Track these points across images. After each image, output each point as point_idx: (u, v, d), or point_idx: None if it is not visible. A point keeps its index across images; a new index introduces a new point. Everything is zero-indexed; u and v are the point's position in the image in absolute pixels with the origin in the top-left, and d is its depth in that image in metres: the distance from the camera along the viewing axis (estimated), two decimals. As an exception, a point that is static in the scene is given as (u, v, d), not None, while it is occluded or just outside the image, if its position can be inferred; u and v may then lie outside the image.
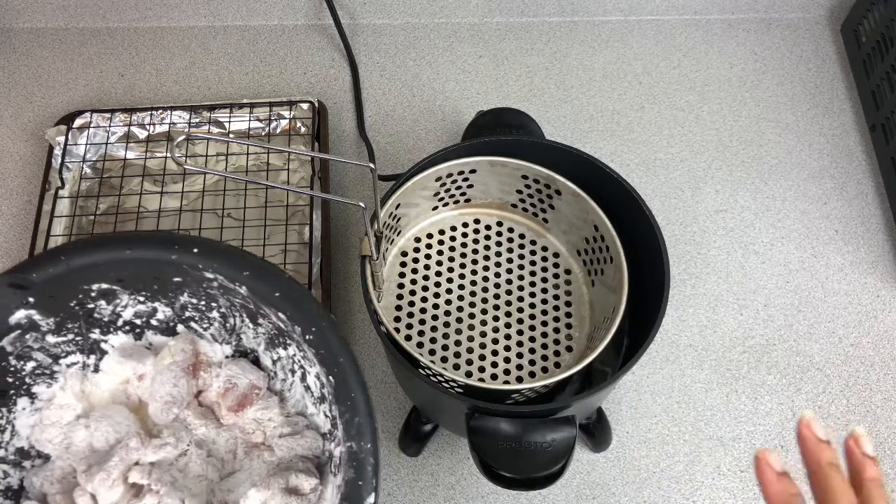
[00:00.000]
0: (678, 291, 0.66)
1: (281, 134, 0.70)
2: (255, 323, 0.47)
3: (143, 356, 0.49)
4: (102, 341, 0.49)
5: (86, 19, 0.79)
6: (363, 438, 0.39)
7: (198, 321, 0.49)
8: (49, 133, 0.68)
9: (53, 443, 0.46)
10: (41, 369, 0.47)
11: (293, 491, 0.44)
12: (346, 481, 0.38)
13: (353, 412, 0.39)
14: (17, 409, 0.46)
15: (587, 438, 0.59)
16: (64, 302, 0.45)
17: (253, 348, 0.50)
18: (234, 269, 0.44)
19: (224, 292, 0.46)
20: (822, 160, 0.74)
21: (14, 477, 0.46)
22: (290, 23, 0.80)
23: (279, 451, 0.47)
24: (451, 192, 0.59)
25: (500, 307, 0.57)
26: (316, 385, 0.46)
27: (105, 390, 0.49)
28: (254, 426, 0.48)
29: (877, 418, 0.61)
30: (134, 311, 0.48)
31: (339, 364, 0.41)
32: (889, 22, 0.71)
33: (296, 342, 0.45)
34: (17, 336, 0.44)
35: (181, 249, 0.44)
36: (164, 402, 0.47)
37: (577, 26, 0.81)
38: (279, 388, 0.50)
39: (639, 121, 0.76)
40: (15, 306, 0.44)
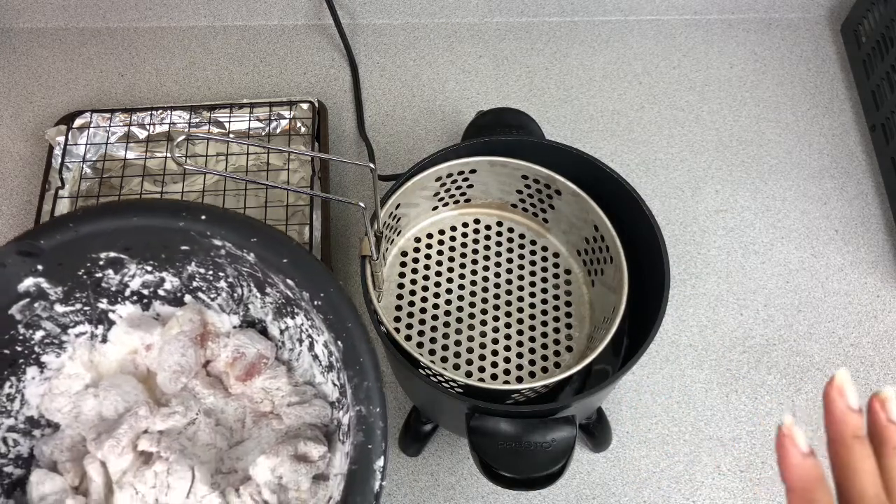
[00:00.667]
0: (678, 291, 0.66)
1: (281, 134, 0.70)
2: (263, 292, 0.47)
3: (150, 326, 0.49)
4: (110, 311, 0.49)
5: (86, 19, 0.79)
6: (372, 402, 0.39)
7: (205, 291, 0.49)
8: (49, 133, 0.68)
9: (63, 412, 0.47)
10: (50, 339, 0.47)
11: (302, 458, 0.44)
12: (354, 445, 0.38)
13: (362, 377, 0.39)
14: (26, 378, 0.46)
15: (587, 438, 0.59)
16: (72, 270, 0.45)
17: (261, 318, 0.50)
18: (241, 236, 0.44)
19: (232, 261, 0.45)
20: (822, 160, 0.74)
21: (24, 445, 0.46)
22: (290, 23, 0.80)
23: (287, 420, 0.47)
24: (451, 192, 0.59)
25: (500, 307, 0.57)
26: (324, 354, 0.46)
27: (113, 360, 0.50)
28: (262, 395, 0.49)
29: (877, 418, 0.61)
30: (142, 280, 0.48)
31: (348, 329, 0.40)
32: (889, 22, 0.71)
33: (304, 310, 0.45)
34: (25, 304, 0.45)
35: (189, 216, 0.44)
36: (173, 371, 0.48)
37: (577, 26, 0.81)
38: (287, 358, 0.50)
39: (639, 121, 0.76)
40: (24, 274, 0.44)
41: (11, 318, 0.44)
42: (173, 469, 0.44)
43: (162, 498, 0.44)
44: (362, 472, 0.37)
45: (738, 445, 0.60)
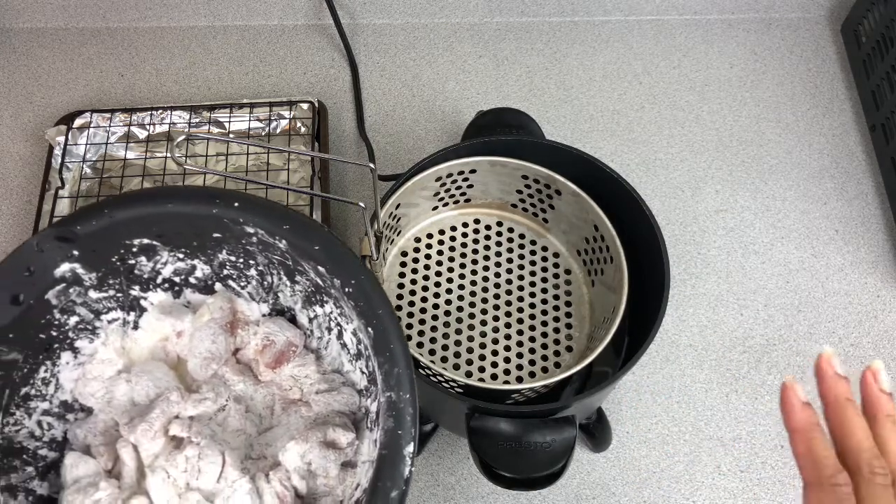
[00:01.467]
0: (678, 291, 0.66)
1: (281, 134, 0.70)
2: (293, 280, 0.48)
3: (181, 313, 0.50)
4: (142, 298, 0.49)
5: (86, 19, 0.79)
6: (402, 389, 0.39)
7: (235, 279, 0.50)
8: (49, 133, 0.68)
9: (96, 396, 0.48)
10: (84, 324, 0.47)
11: (331, 444, 0.45)
12: (385, 430, 0.38)
13: (393, 363, 0.40)
14: (61, 363, 0.47)
15: (587, 438, 0.59)
16: (106, 257, 0.46)
17: (290, 306, 0.50)
18: (273, 223, 0.44)
19: (263, 248, 0.46)
20: (822, 160, 0.74)
21: (58, 429, 0.47)
22: (290, 23, 0.80)
23: (316, 407, 0.48)
24: (451, 192, 0.59)
25: (500, 307, 0.57)
26: (352, 342, 0.46)
27: (144, 347, 0.50)
28: (291, 383, 0.49)
29: (877, 418, 0.61)
30: (173, 268, 0.49)
31: (379, 316, 0.41)
32: (889, 22, 0.71)
33: (333, 298, 0.45)
34: (61, 289, 0.45)
35: (222, 203, 0.44)
36: (203, 358, 0.48)
37: (577, 26, 0.81)
38: (315, 346, 0.51)
39: (639, 121, 0.76)
40: (60, 259, 0.44)
41: (48, 303, 0.45)
42: (204, 454, 0.45)
43: (193, 482, 0.44)
44: (392, 457, 0.38)
45: (738, 445, 0.60)
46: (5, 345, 0.43)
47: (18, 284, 0.43)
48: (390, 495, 0.37)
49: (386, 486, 0.37)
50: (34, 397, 0.45)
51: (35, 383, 0.45)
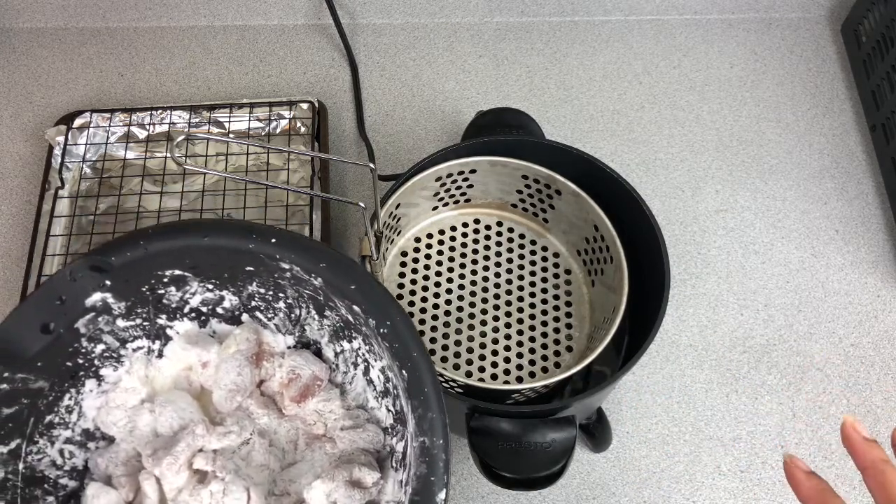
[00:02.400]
0: (678, 291, 0.66)
1: (281, 134, 0.70)
2: (322, 315, 0.47)
3: (207, 344, 0.49)
4: (168, 327, 0.49)
5: (86, 19, 0.79)
6: (435, 434, 0.39)
7: (263, 311, 0.49)
8: (49, 133, 0.68)
9: (118, 425, 0.47)
10: (109, 352, 0.47)
11: (356, 483, 0.45)
12: (417, 476, 0.38)
13: (426, 407, 0.39)
14: (84, 391, 0.46)
15: (587, 438, 0.59)
16: (137, 287, 0.46)
17: (316, 340, 0.50)
18: (310, 261, 0.44)
19: (295, 283, 0.46)
20: (822, 160, 0.74)
21: (79, 457, 0.46)
22: (290, 23, 0.80)
23: (341, 444, 0.47)
24: (451, 192, 0.59)
25: (500, 307, 0.57)
26: (379, 379, 0.46)
27: (168, 376, 0.50)
28: (315, 417, 0.49)
29: (877, 418, 0.61)
30: (202, 298, 0.48)
31: (413, 359, 0.41)
32: (889, 22, 0.71)
33: (363, 335, 0.45)
34: (91, 318, 0.45)
35: (259, 238, 0.44)
36: (229, 390, 0.48)
37: (577, 26, 0.81)
38: (340, 381, 0.50)
39: (639, 121, 0.75)
40: (92, 288, 0.44)
41: (77, 332, 0.45)
42: (229, 489, 0.44)
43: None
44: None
45: (738, 445, 0.60)
46: (33, 373, 0.43)
47: (50, 313, 0.43)
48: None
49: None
50: (57, 425, 0.45)
51: (59, 411, 0.45)
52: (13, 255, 0.66)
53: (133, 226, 0.64)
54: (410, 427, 0.40)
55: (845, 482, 0.59)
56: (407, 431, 0.42)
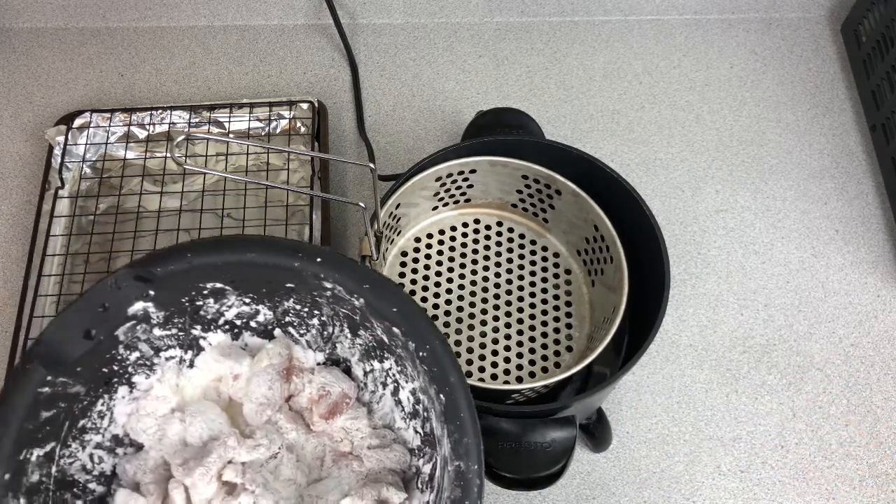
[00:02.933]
0: (678, 291, 0.66)
1: (281, 134, 0.70)
2: (355, 334, 0.48)
3: (240, 356, 0.49)
4: (202, 338, 0.49)
5: (86, 19, 0.79)
6: (470, 459, 0.39)
7: (296, 327, 0.50)
8: (49, 133, 0.68)
9: (148, 433, 0.47)
10: (143, 360, 0.48)
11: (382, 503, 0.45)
12: (452, 500, 0.39)
13: (462, 432, 0.40)
14: (117, 397, 0.47)
15: (587, 438, 0.59)
16: (177, 297, 0.46)
17: (346, 358, 0.50)
18: (354, 282, 0.44)
19: (333, 301, 0.46)
20: (822, 160, 0.74)
21: (108, 463, 0.47)
22: (290, 23, 0.80)
23: (368, 463, 0.47)
24: (451, 192, 0.59)
25: (500, 307, 0.57)
26: (409, 401, 0.46)
27: (197, 386, 0.50)
28: (342, 435, 0.49)
29: (877, 419, 0.61)
30: (238, 311, 0.49)
31: (451, 384, 0.41)
32: (889, 22, 0.71)
33: (396, 356, 0.45)
34: (130, 326, 0.45)
35: (304, 257, 0.44)
36: (259, 403, 0.48)
37: (577, 26, 0.81)
38: (367, 400, 0.50)
39: (639, 121, 0.75)
40: (135, 297, 0.45)
41: (116, 339, 0.45)
42: (259, 502, 0.44)
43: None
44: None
45: (738, 445, 0.60)
46: (72, 378, 0.43)
47: (93, 320, 0.43)
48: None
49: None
50: (90, 430, 0.45)
51: (92, 416, 0.45)
52: (13, 255, 0.66)
53: (133, 226, 0.64)
54: (445, 451, 0.40)
55: (845, 482, 0.59)
56: (437, 454, 0.43)
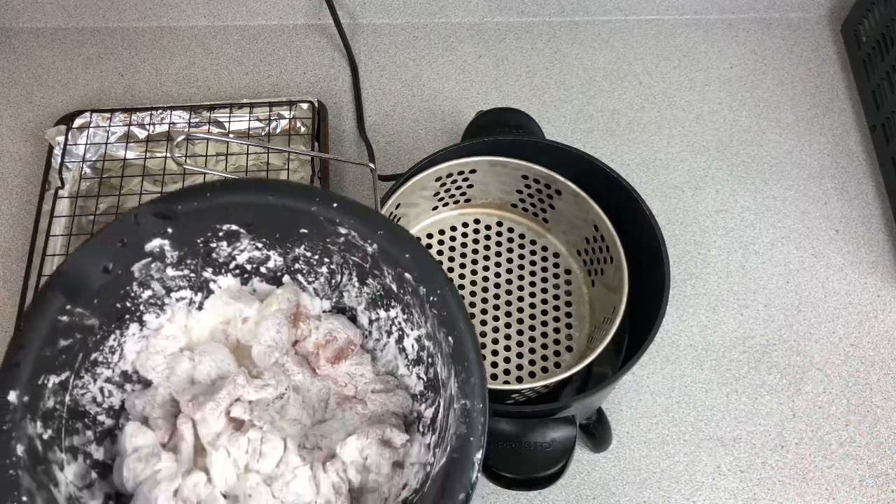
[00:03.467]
0: (678, 291, 0.66)
1: (281, 134, 0.70)
2: (363, 282, 0.49)
3: (249, 300, 0.51)
4: (212, 281, 0.50)
5: (86, 19, 0.79)
6: (475, 398, 0.41)
7: (305, 274, 0.51)
8: (49, 133, 0.68)
9: (157, 370, 0.49)
10: (154, 299, 0.48)
11: (386, 443, 0.46)
12: (457, 436, 0.40)
13: (469, 373, 0.41)
14: (128, 334, 0.48)
15: (587, 438, 0.59)
16: (193, 238, 0.47)
17: (352, 307, 0.51)
18: (369, 228, 0.45)
19: (345, 249, 0.47)
20: (822, 160, 0.74)
21: (116, 397, 0.48)
22: (290, 23, 0.80)
23: (372, 406, 0.49)
24: (451, 192, 0.59)
25: (500, 307, 0.57)
26: (413, 348, 0.48)
27: (205, 328, 0.51)
28: (346, 379, 0.50)
29: (877, 418, 0.61)
30: (249, 256, 0.49)
31: (459, 327, 0.42)
32: (889, 22, 0.71)
33: (403, 304, 0.46)
34: (146, 263, 0.46)
35: (322, 202, 0.45)
36: (267, 345, 0.49)
37: (577, 26, 0.81)
38: (371, 347, 0.52)
39: (639, 121, 0.75)
40: (154, 234, 0.45)
41: (131, 275, 0.46)
42: (267, 438, 0.46)
43: (253, 464, 0.45)
44: (462, 462, 0.40)
45: (738, 445, 0.60)
46: (89, 310, 0.44)
47: (112, 254, 0.45)
48: (458, 497, 0.39)
49: (455, 488, 0.39)
50: (101, 364, 0.47)
51: (104, 350, 0.47)
52: (13, 255, 0.66)
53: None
54: (452, 391, 0.42)
55: (845, 482, 0.59)
56: (440, 398, 0.44)
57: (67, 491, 0.42)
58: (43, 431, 0.42)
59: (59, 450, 0.43)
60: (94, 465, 0.45)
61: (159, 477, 0.44)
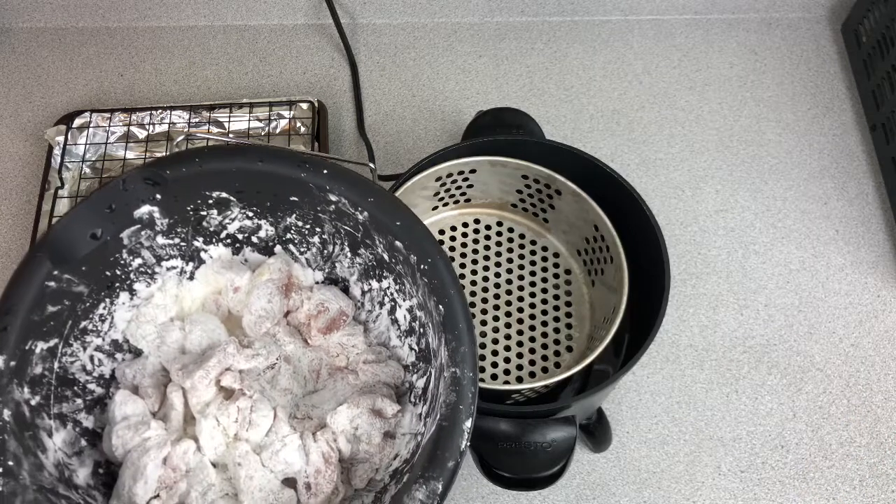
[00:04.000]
0: (678, 291, 0.66)
1: (281, 134, 0.70)
2: (355, 252, 0.49)
3: (241, 270, 0.51)
4: (203, 250, 0.50)
5: (85, 19, 0.79)
6: (466, 366, 0.41)
7: (297, 244, 0.51)
8: (48, 133, 0.68)
9: (147, 339, 0.49)
10: (145, 267, 0.49)
11: (377, 413, 0.46)
12: (447, 404, 0.40)
13: (459, 341, 0.41)
14: (118, 302, 0.48)
15: (587, 438, 0.58)
16: (183, 205, 0.47)
17: (344, 278, 0.51)
18: (358, 195, 0.45)
19: (336, 217, 0.47)
20: (822, 160, 0.74)
21: (107, 366, 0.48)
22: (289, 22, 0.80)
23: (363, 376, 0.49)
24: (451, 192, 0.59)
25: (500, 307, 0.57)
26: (405, 319, 0.48)
27: (196, 298, 0.51)
28: (338, 350, 0.50)
29: (877, 418, 0.61)
30: (239, 225, 0.50)
31: (451, 295, 0.42)
32: (889, 22, 0.71)
33: (395, 274, 0.46)
34: (135, 231, 0.46)
35: (311, 169, 0.45)
36: (258, 315, 0.49)
37: (577, 26, 0.81)
38: (364, 319, 0.52)
39: (639, 121, 0.75)
40: (143, 200, 0.45)
41: (120, 242, 0.46)
42: (257, 407, 0.46)
43: (242, 433, 0.45)
44: (451, 430, 0.40)
45: (738, 445, 0.60)
46: (77, 276, 0.44)
47: (100, 220, 0.45)
48: (447, 465, 0.39)
49: (444, 456, 0.39)
50: (90, 332, 0.47)
51: (93, 318, 0.47)
52: (13, 255, 0.66)
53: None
54: (442, 359, 0.42)
55: (846, 482, 0.59)
56: (431, 367, 0.44)
57: (56, 457, 0.42)
58: (31, 397, 0.42)
59: (48, 416, 0.43)
60: (83, 433, 0.45)
61: (148, 444, 0.44)
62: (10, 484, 0.38)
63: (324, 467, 0.45)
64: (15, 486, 0.39)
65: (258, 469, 0.45)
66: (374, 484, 0.46)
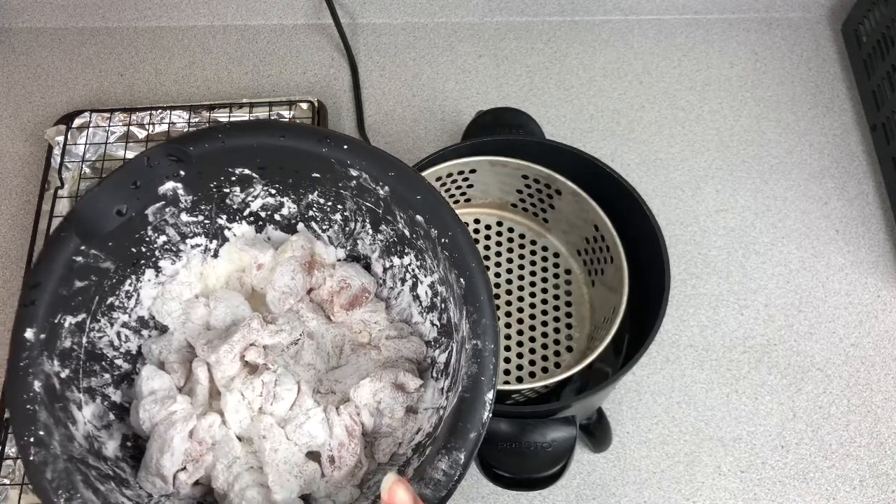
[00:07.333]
0: (678, 291, 0.66)
1: (281, 134, 0.70)
2: (376, 229, 0.49)
3: (264, 247, 0.51)
4: (227, 228, 0.51)
5: (85, 19, 0.79)
6: (487, 338, 0.41)
7: (319, 221, 0.51)
8: (48, 133, 0.68)
9: (172, 316, 0.49)
10: (170, 245, 0.49)
11: (399, 387, 0.47)
12: (469, 375, 0.40)
13: (480, 314, 0.41)
14: (143, 279, 0.49)
15: (587, 438, 0.58)
16: (206, 182, 0.47)
17: (366, 255, 0.52)
18: (380, 169, 0.45)
19: (357, 194, 0.47)
20: (822, 160, 0.74)
21: (133, 342, 0.49)
22: (289, 22, 0.80)
23: (386, 352, 0.49)
24: (451, 192, 0.59)
25: (501, 307, 0.57)
26: (427, 295, 0.48)
27: (221, 275, 0.52)
28: (360, 326, 0.51)
29: (877, 419, 0.61)
30: (262, 202, 0.50)
31: (472, 268, 0.42)
32: (889, 22, 0.71)
33: (417, 250, 0.47)
34: (159, 207, 0.47)
35: (332, 143, 0.45)
36: (282, 292, 0.50)
37: (577, 26, 0.81)
38: (386, 296, 0.52)
39: (639, 121, 0.75)
40: (167, 177, 0.46)
41: (145, 219, 0.46)
42: (281, 381, 0.46)
43: (267, 406, 0.46)
44: (473, 401, 0.40)
45: (738, 446, 0.60)
46: (103, 252, 0.45)
47: (125, 196, 0.45)
48: (469, 436, 0.39)
49: (466, 427, 0.39)
50: (117, 308, 0.47)
51: (120, 295, 0.47)
52: (13, 255, 0.66)
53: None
54: (464, 332, 0.42)
55: (846, 482, 0.59)
56: (453, 342, 0.44)
57: (86, 430, 0.43)
58: (60, 370, 0.43)
59: (77, 390, 0.44)
60: (111, 407, 0.46)
61: (174, 418, 0.45)
62: (41, 453, 0.39)
63: (347, 440, 0.46)
64: (46, 454, 0.39)
65: (282, 442, 0.45)
66: (397, 458, 0.46)
